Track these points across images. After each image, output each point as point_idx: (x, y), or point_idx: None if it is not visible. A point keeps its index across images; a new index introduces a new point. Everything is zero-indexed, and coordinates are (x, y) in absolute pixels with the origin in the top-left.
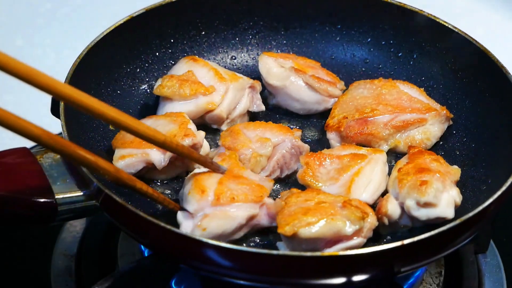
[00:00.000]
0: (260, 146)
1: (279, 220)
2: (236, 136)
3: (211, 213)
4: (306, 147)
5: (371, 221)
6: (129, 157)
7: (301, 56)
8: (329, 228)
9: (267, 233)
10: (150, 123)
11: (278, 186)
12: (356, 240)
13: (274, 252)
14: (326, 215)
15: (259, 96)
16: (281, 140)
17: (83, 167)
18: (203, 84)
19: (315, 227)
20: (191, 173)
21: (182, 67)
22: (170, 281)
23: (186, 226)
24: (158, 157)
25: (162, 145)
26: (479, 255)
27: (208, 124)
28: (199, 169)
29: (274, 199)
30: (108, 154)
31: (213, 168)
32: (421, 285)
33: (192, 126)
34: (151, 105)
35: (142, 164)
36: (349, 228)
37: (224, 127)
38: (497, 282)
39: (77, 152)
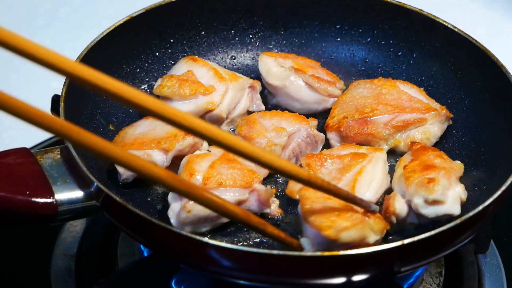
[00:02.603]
0: (275, 136)
1: (313, 220)
2: (252, 125)
3: None
4: (322, 136)
5: (384, 233)
6: None
7: (301, 56)
8: (360, 234)
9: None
10: (148, 124)
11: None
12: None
13: (274, 252)
14: (357, 220)
15: (259, 96)
16: (297, 129)
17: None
18: (203, 84)
19: (352, 232)
20: (188, 155)
21: (182, 67)
22: (170, 281)
23: (174, 207)
24: (160, 157)
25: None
26: (479, 255)
27: None
28: (199, 151)
29: (272, 187)
30: None
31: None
32: (421, 285)
33: None
34: None
35: None
36: (373, 238)
37: (224, 127)
38: (497, 282)
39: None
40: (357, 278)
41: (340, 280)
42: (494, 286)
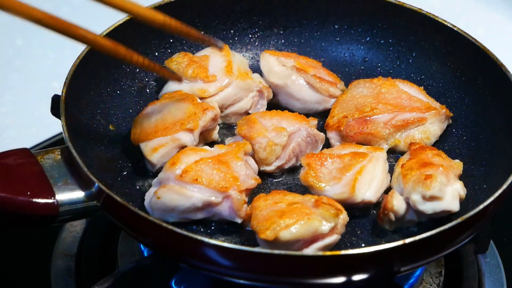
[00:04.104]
0: (275, 135)
1: (255, 226)
2: (252, 125)
3: (169, 185)
4: (322, 135)
5: (344, 217)
6: (161, 148)
7: (302, 56)
8: (307, 228)
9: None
10: (158, 108)
11: (274, 185)
12: (332, 238)
13: (275, 252)
14: (302, 215)
15: (265, 102)
16: (297, 128)
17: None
18: (209, 71)
19: (294, 228)
20: (187, 146)
21: (207, 50)
22: (170, 281)
23: (152, 190)
24: (188, 138)
25: (163, 25)
26: (479, 255)
27: None
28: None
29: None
30: (108, 153)
31: (211, 43)
32: (421, 285)
33: (199, 100)
34: None
35: (175, 149)
36: (325, 226)
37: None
38: (497, 282)
39: (78, 32)
40: (357, 277)
41: (341, 279)
42: (494, 286)
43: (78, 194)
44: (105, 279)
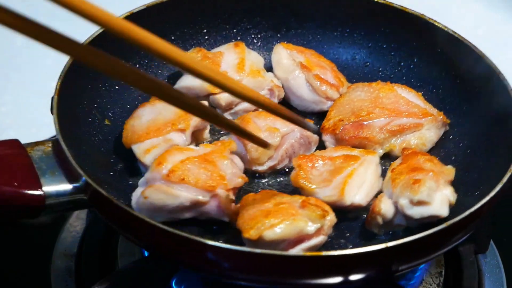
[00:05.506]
0: (269, 136)
1: (241, 224)
2: (246, 124)
3: (157, 184)
4: (315, 137)
5: (331, 218)
6: (154, 149)
7: (318, 53)
8: (292, 228)
9: None
10: (150, 110)
11: (266, 186)
12: (318, 239)
13: (274, 252)
14: (288, 215)
15: (276, 101)
16: (290, 130)
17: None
18: (221, 67)
19: (279, 229)
20: (173, 146)
21: (223, 47)
22: (170, 281)
23: (138, 191)
24: (180, 138)
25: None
26: (479, 255)
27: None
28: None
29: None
30: (102, 147)
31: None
32: (421, 285)
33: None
34: None
35: None
36: (310, 227)
37: (226, 116)
38: (497, 282)
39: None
40: (355, 277)
41: (339, 279)
42: (494, 286)
43: (65, 187)
44: (105, 279)
